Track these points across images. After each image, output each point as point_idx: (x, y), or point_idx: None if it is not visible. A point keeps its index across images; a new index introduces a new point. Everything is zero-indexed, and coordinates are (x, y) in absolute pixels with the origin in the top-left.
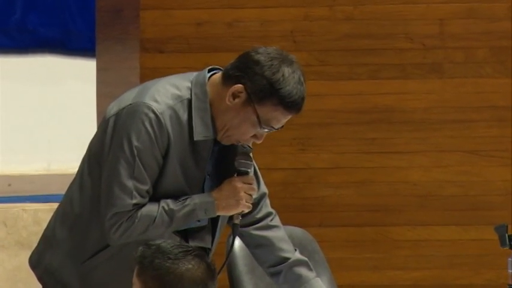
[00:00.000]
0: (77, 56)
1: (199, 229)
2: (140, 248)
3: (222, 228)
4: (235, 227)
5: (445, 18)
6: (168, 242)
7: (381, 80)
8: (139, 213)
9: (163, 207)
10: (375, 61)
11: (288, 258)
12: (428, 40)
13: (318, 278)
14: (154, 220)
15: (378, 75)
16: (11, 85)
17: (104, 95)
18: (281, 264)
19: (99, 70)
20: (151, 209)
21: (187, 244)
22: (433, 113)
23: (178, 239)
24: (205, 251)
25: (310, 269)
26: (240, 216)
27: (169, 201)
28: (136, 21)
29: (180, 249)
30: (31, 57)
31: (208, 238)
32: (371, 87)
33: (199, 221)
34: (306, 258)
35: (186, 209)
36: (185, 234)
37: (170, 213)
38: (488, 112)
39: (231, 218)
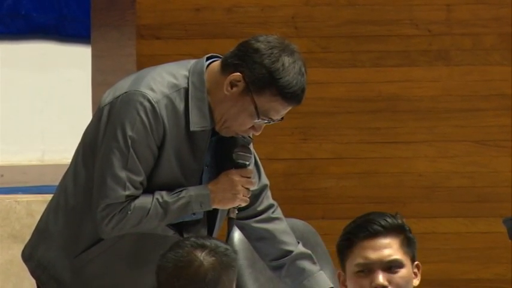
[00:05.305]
0: (72, 42)
1: (195, 222)
2: None
3: (221, 220)
4: (232, 221)
5: (452, 3)
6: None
7: (385, 67)
8: (132, 205)
9: (157, 199)
10: (379, 48)
11: (290, 251)
12: (434, 26)
13: (322, 272)
14: (148, 212)
15: (382, 62)
16: (3, 72)
17: (99, 83)
18: (284, 257)
19: (95, 57)
20: (145, 200)
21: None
22: (439, 101)
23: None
24: None
25: (314, 262)
26: (236, 210)
27: (163, 193)
28: (132, 7)
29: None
30: (24, 44)
31: (204, 232)
32: (375, 75)
33: (194, 214)
34: (309, 251)
35: (181, 202)
36: (180, 228)
37: (164, 205)
38: (496, 101)
39: (228, 211)
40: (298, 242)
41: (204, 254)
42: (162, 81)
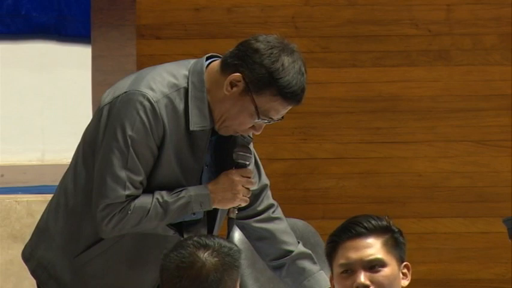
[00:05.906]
0: (72, 42)
1: (195, 222)
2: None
3: (221, 220)
4: (232, 221)
5: (452, 3)
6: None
7: (386, 67)
8: (132, 205)
9: (157, 199)
10: (379, 48)
11: (291, 251)
12: (434, 26)
13: (322, 272)
14: (148, 212)
15: (382, 62)
16: (3, 72)
17: (99, 83)
18: (284, 257)
19: (95, 57)
20: (145, 200)
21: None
22: (440, 101)
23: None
24: None
25: (314, 262)
26: (236, 210)
27: (163, 193)
28: (132, 7)
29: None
30: (24, 44)
31: (204, 231)
32: (375, 74)
33: (194, 214)
34: (309, 251)
35: (181, 202)
36: (180, 228)
37: (164, 205)
38: (496, 100)
39: (228, 211)
40: (299, 242)
41: (207, 255)
42: (162, 80)
